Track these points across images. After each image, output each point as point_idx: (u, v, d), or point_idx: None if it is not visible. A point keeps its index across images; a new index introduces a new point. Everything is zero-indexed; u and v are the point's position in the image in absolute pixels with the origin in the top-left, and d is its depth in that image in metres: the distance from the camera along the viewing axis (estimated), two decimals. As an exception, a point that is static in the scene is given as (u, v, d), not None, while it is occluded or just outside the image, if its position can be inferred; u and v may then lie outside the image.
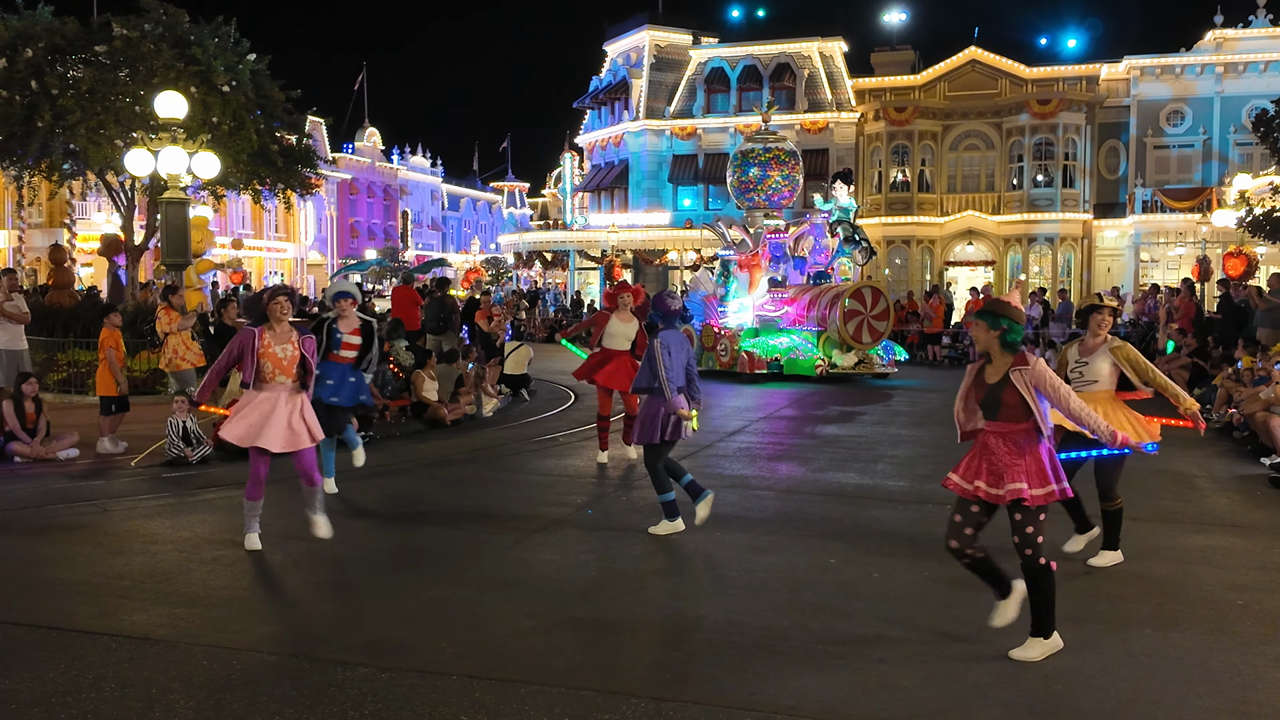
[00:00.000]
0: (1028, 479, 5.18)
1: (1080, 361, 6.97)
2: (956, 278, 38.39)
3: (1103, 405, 6.73)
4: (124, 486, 9.73)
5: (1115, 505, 6.98)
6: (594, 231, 43.83)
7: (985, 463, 5.31)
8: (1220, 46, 36.95)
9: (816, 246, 21.37)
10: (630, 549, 7.48)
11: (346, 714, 4.61)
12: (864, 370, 19.73)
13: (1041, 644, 5.26)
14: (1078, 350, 7.05)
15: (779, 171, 21.77)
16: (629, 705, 4.69)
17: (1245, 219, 25.61)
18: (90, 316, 15.34)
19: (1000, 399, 5.26)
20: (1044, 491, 5.18)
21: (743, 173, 21.99)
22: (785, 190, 21.99)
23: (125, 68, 18.37)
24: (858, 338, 19.13)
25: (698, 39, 43.07)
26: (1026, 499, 5.16)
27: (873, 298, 19.35)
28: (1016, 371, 5.23)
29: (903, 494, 9.52)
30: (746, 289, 21.40)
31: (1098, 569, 6.93)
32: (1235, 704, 4.78)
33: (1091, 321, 7.00)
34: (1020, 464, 5.20)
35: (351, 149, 63.03)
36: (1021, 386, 5.19)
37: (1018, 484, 5.16)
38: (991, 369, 5.36)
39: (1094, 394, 6.83)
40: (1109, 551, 7.05)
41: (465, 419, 14.21)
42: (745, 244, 21.63)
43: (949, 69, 39.18)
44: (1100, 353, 6.90)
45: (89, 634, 5.60)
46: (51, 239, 29.82)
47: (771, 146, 21.97)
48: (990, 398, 5.32)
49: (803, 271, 21.34)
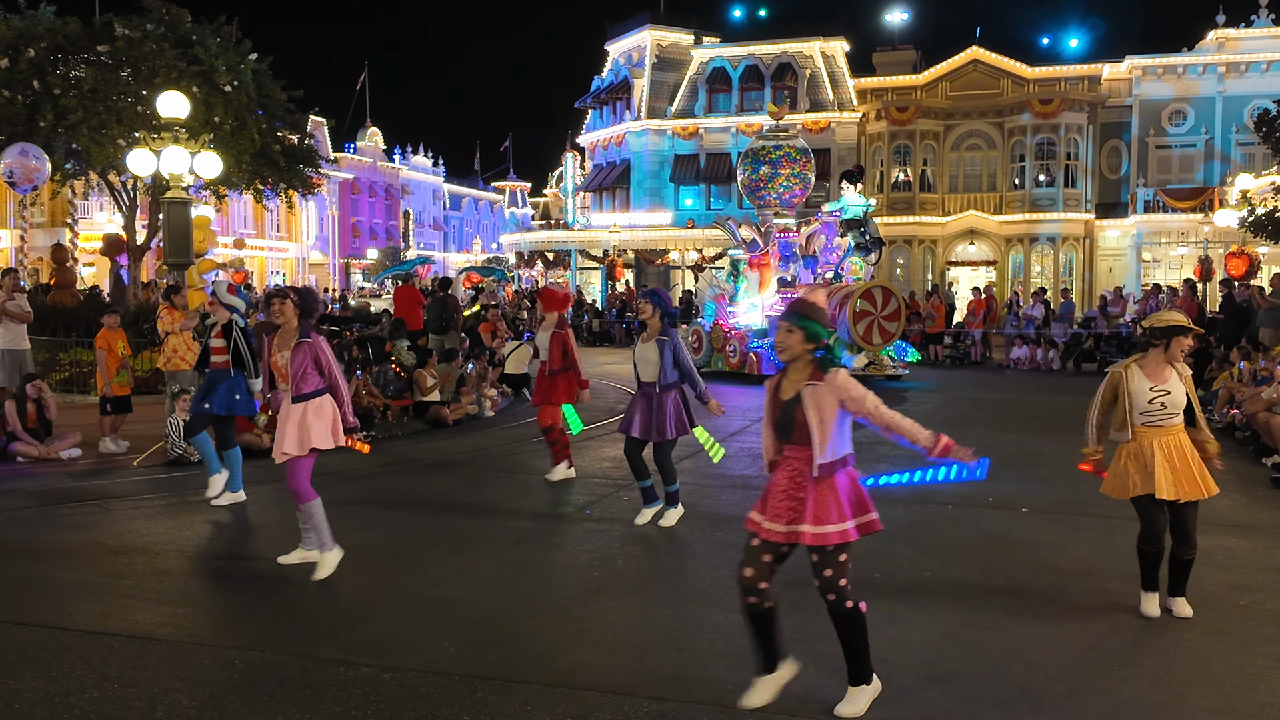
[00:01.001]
0: (823, 515, 4.45)
1: (1161, 390, 5.87)
2: (958, 278, 38.40)
3: (1187, 446, 5.90)
4: (126, 486, 9.74)
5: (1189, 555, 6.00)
6: (595, 231, 43.82)
7: (781, 495, 4.56)
8: (1222, 46, 36.94)
9: (827, 246, 21.08)
10: (631, 549, 7.49)
11: (349, 714, 4.61)
12: (874, 372, 19.43)
13: (865, 692, 4.62)
14: (1144, 375, 5.93)
15: (790, 169, 21.34)
16: (631, 705, 4.70)
17: (1247, 219, 25.61)
18: (92, 316, 15.35)
19: (794, 419, 4.52)
20: (838, 529, 4.42)
21: (753, 171, 21.65)
22: (796, 188, 21.61)
23: (127, 67, 18.40)
24: (868, 339, 18.77)
25: (699, 39, 43.07)
26: (837, 538, 4.44)
27: (883, 298, 18.95)
28: (809, 388, 4.48)
29: (903, 493, 9.51)
30: (757, 289, 21.10)
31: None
32: (1237, 704, 4.78)
33: (1174, 346, 5.88)
34: (816, 497, 4.47)
35: (353, 149, 63.10)
36: (811, 406, 4.46)
37: (818, 525, 4.44)
38: (788, 383, 4.58)
39: (1175, 429, 5.91)
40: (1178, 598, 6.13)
41: (467, 419, 14.21)
42: (755, 243, 21.34)
43: (951, 69, 39.17)
44: (1175, 382, 5.89)
45: (92, 634, 5.61)
46: (54, 239, 29.82)
47: (782, 144, 21.59)
48: (785, 417, 4.56)
49: (814, 271, 21.06)
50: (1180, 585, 6.06)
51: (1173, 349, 5.89)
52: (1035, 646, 5.50)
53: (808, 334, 4.49)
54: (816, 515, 4.43)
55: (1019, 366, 23.30)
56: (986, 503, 9.06)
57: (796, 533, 4.46)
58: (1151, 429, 5.87)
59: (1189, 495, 5.82)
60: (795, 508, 4.49)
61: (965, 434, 13.08)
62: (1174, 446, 5.85)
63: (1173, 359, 5.91)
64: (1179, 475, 5.83)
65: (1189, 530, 5.93)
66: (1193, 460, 5.87)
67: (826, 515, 4.42)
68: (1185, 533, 5.93)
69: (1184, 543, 5.95)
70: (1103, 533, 7.95)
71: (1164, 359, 5.91)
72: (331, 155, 53.10)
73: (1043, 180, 37.54)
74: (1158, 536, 5.93)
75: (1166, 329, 5.90)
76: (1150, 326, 5.99)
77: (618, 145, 44.37)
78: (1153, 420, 5.88)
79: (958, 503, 9.06)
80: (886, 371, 19.67)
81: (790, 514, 4.50)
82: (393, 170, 68.13)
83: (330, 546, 6.77)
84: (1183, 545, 5.96)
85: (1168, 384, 5.87)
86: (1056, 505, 8.96)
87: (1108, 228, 38.15)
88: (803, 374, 4.52)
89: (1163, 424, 5.87)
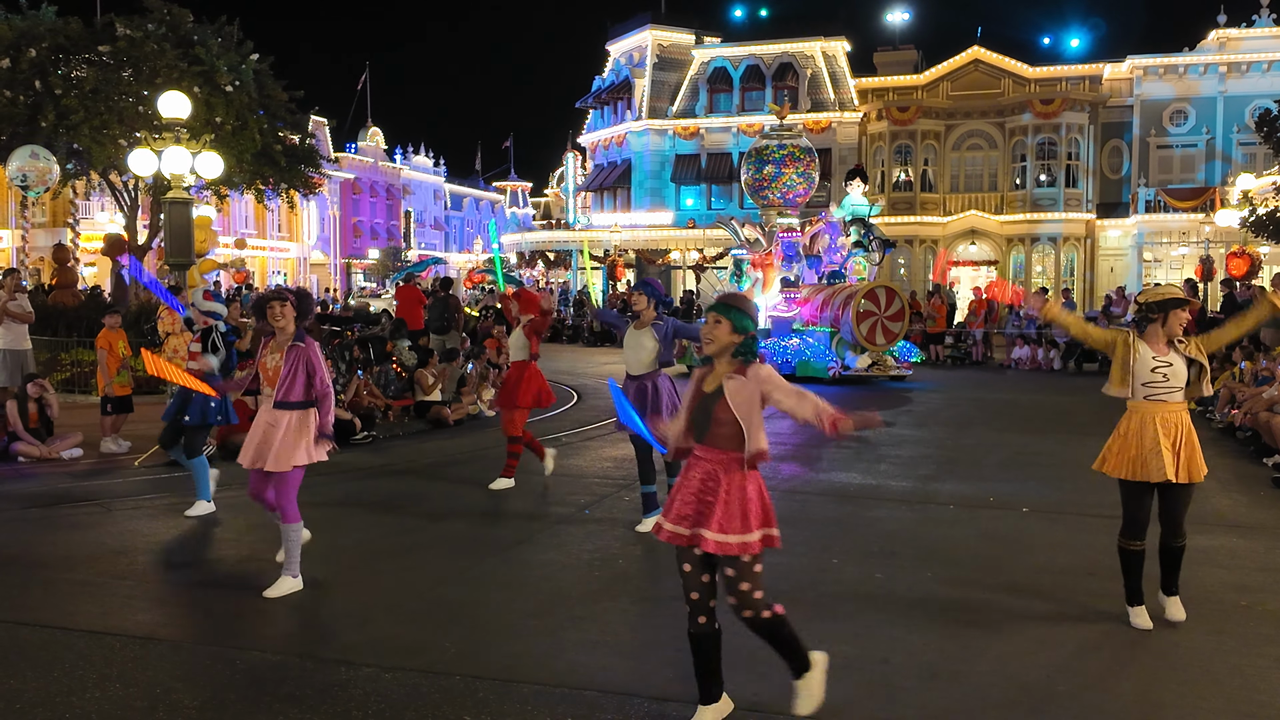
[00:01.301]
0: (728, 523, 4.22)
1: (1163, 362, 5.74)
2: (959, 277, 38.38)
3: (1187, 424, 5.76)
4: (127, 486, 9.75)
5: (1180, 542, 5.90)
6: (597, 231, 43.84)
7: (690, 496, 4.35)
8: (1223, 46, 36.94)
9: (831, 245, 20.95)
10: (632, 549, 7.49)
11: (350, 714, 4.62)
12: (878, 373, 19.35)
13: (814, 676, 4.40)
14: (1146, 345, 5.80)
15: (794, 168, 21.26)
16: (632, 705, 4.70)
17: (1248, 219, 25.63)
18: (94, 316, 15.36)
19: (712, 414, 4.29)
20: (740, 540, 4.20)
21: (757, 170, 21.53)
22: (800, 187, 21.50)
23: (129, 67, 18.43)
24: (872, 339, 18.73)
25: (700, 39, 43.09)
26: (737, 549, 4.20)
27: (887, 298, 18.94)
28: (732, 380, 4.28)
29: (906, 494, 9.52)
30: (761, 289, 20.97)
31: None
32: (1239, 704, 4.78)
33: (1172, 320, 5.74)
34: (725, 502, 4.24)
35: (354, 149, 63.10)
36: (734, 402, 4.24)
37: (721, 533, 4.20)
38: (712, 376, 4.40)
39: (1177, 406, 5.75)
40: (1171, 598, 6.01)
41: (468, 419, 14.22)
42: (759, 243, 21.24)
43: (952, 69, 39.18)
44: (1175, 355, 5.76)
45: (93, 633, 5.62)
46: (55, 239, 29.84)
47: (786, 143, 21.48)
48: (702, 411, 4.34)
49: (818, 271, 20.94)
50: (1173, 581, 5.93)
51: (1170, 323, 5.75)
52: (1036, 646, 5.50)
53: (735, 325, 4.32)
54: (721, 522, 4.21)
55: (1020, 366, 23.29)
56: (987, 503, 9.06)
57: (699, 536, 4.24)
58: (1154, 404, 5.73)
59: (1185, 477, 5.69)
60: (702, 511, 4.27)
61: (966, 434, 13.10)
62: (1175, 424, 5.72)
63: (1171, 334, 5.77)
64: (1179, 456, 5.69)
65: (1179, 517, 5.79)
66: (1192, 441, 5.73)
67: (731, 523, 4.21)
68: (1175, 520, 5.79)
69: (1174, 531, 5.81)
70: (1103, 533, 7.93)
71: (1162, 334, 5.78)
72: (333, 155, 53.13)
73: (1044, 180, 37.54)
74: (1141, 529, 5.78)
75: (1163, 303, 5.79)
76: (1146, 301, 5.86)
77: (619, 145, 44.39)
78: (1155, 394, 5.73)
79: (958, 503, 9.06)
80: (890, 372, 19.56)
81: (695, 517, 4.29)
82: (394, 170, 68.14)
83: (295, 574, 6.41)
84: (1172, 533, 5.82)
85: (1170, 357, 5.74)
86: (1057, 505, 8.96)
87: (1109, 228, 38.15)
88: (727, 367, 4.35)
89: (1165, 399, 5.72)
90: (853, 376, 19.11)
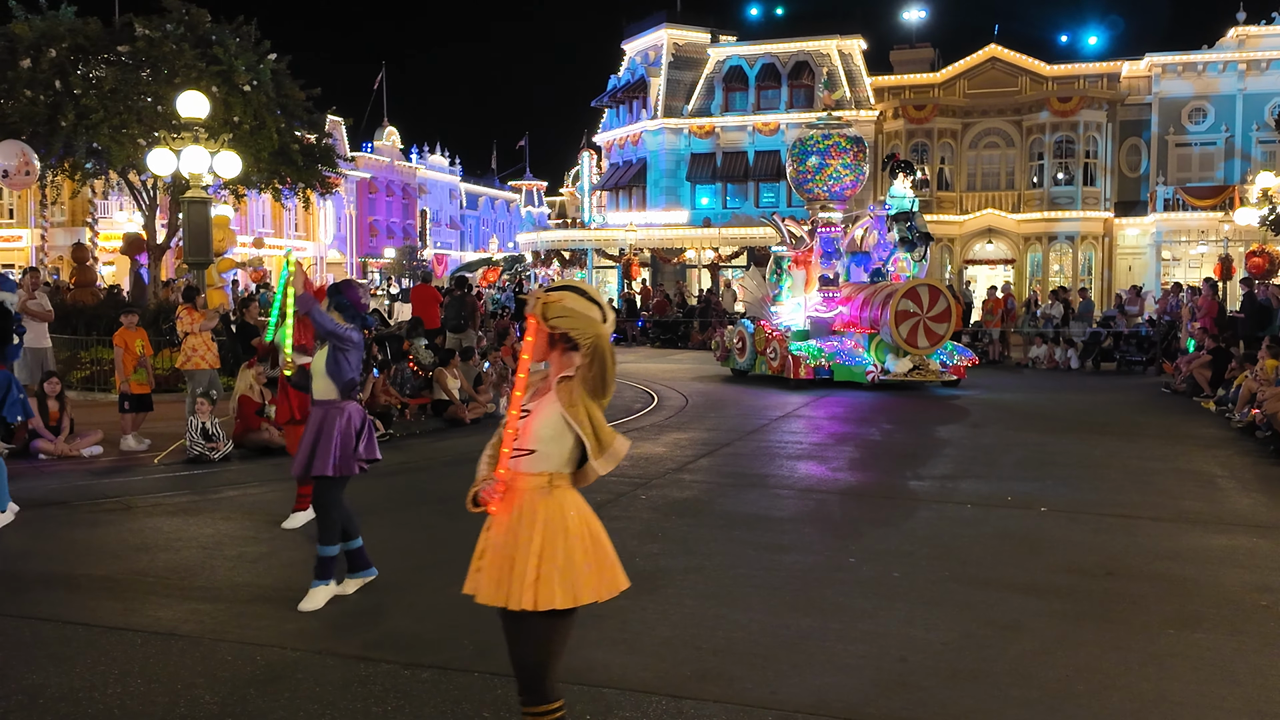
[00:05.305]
0: None
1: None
2: (976, 276, 38.24)
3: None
4: (147, 484, 9.81)
5: None
6: (612, 230, 43.84)
7: None
8: (1243, 44, 36.68)
9: (881, 242, 19.63)
10: (648, 547, 7.49)
11: (369, 710, 4.64)
12: (919, 378, 17.94)
13: None
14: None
15: (840, 159, 19.89)
16: (649, 703, 4.71)
17: (1268, 217, 25.45)
18: (113, 315, 15.46)
19: None
20: None
21: (801, 162, 20.22)
22: (848, 179, 20.07)
23: (147, 67, 18.51)
24: (912, 341, 17.36)
25: (716, 37, 43.03)
26: None
27: (930, 297, 17.50)
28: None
29: (923, 493, 9.50)
30: (802, 287, 19.81)
31: None
32: (1259, 705, 4.75)
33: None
34: None
35: (370, 148, 63.27)
36: None
37: None
38: None
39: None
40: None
41: (485, 417, 14.25)
42: (803, 240, 20.06)
43: (969, 66, 39.02)
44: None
45: (114, 630, 5.66)
46: (74, 238, 30.01)
47: (832, 132, 20.19)
48: None
49: (867, 268, 19.65)
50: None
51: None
52: (1055, 646, 5.48)
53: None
54: None
55: (1037, 365, 23.20)
56: (1005, 502, 9.03)
57: None
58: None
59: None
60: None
61: (983, 433, 13.07)
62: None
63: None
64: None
65: None
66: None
67: None
68: None
69: None
70: (1122, 532, 7.92)
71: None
72: (349, 154, 53.27)
73: (1061, 179, 37.35)
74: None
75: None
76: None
77: (634, 144, 44.37)
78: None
79: (976, 502, 9.03)
80: (935, 378, 18.09)
81: None
82: (410, 169, 68.31)
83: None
84: None
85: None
86: (1076, 505, 8.92)
87: (1127, 226, 37.92)
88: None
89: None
90: (893, 382, 17.92)
